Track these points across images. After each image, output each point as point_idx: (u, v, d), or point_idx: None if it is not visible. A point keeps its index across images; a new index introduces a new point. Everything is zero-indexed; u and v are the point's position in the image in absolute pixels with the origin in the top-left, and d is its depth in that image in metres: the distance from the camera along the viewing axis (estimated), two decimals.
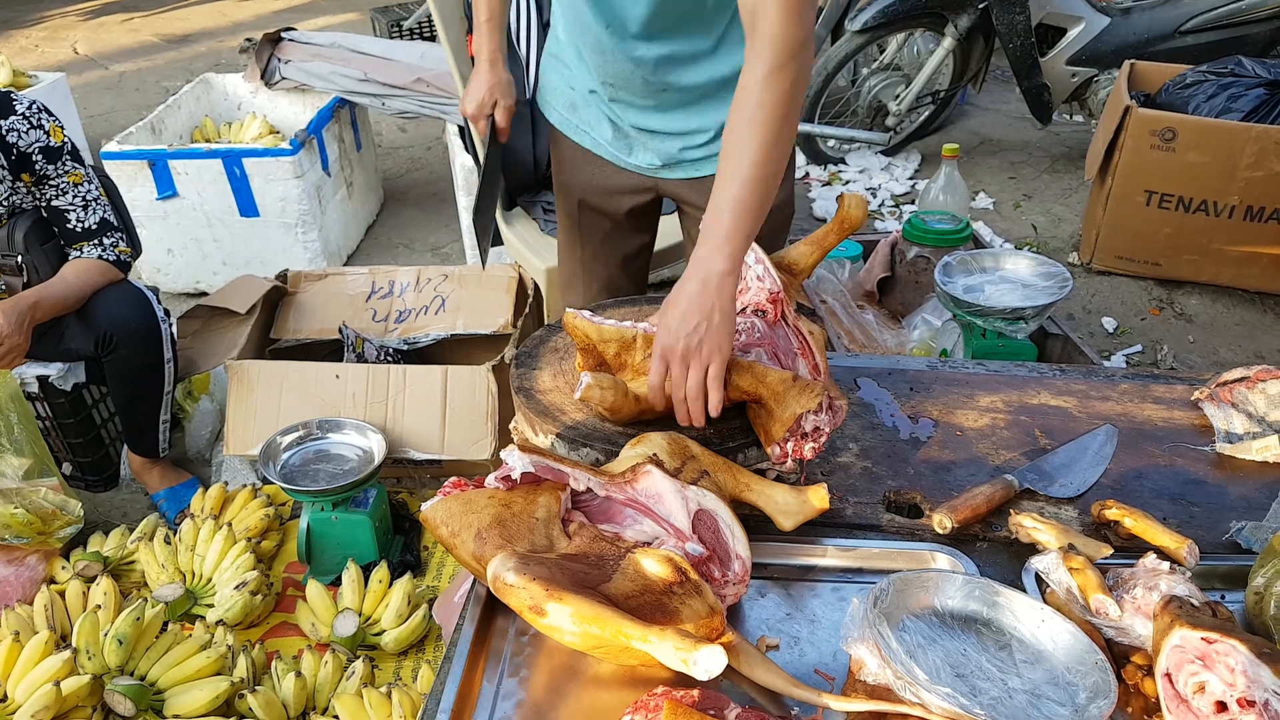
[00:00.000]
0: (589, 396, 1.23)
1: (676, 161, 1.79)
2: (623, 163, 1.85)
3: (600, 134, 1.84)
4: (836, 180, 4.64)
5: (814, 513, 1.18)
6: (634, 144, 1.81)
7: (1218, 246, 3.41)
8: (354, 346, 2.68)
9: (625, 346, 1.31)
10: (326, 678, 1.97)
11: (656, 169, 1.82)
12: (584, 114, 1.84)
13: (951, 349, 2.50)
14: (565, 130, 1.89)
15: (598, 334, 1.31)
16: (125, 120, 5.21)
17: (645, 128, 1.76)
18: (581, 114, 1.84)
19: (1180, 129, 3.29)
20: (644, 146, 1.80)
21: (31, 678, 1.81)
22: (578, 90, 1.81)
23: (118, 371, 2.46)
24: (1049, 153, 4.83)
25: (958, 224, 2.94)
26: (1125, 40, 4.15)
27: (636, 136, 1.79)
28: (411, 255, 4.13)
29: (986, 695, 0.96)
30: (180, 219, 3.63)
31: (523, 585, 0.95)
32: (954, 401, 1.53)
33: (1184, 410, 1.51)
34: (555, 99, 1.89)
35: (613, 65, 1.67)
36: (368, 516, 2.27)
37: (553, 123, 1.92)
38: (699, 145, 1.75)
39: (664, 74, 1.64)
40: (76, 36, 7.47)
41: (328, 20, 7.59)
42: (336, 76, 3.89)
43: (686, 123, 1.73)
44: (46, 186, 2.33)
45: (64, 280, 2.33)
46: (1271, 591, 1.05)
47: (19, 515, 2.16)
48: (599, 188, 1.90)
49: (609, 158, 1.86)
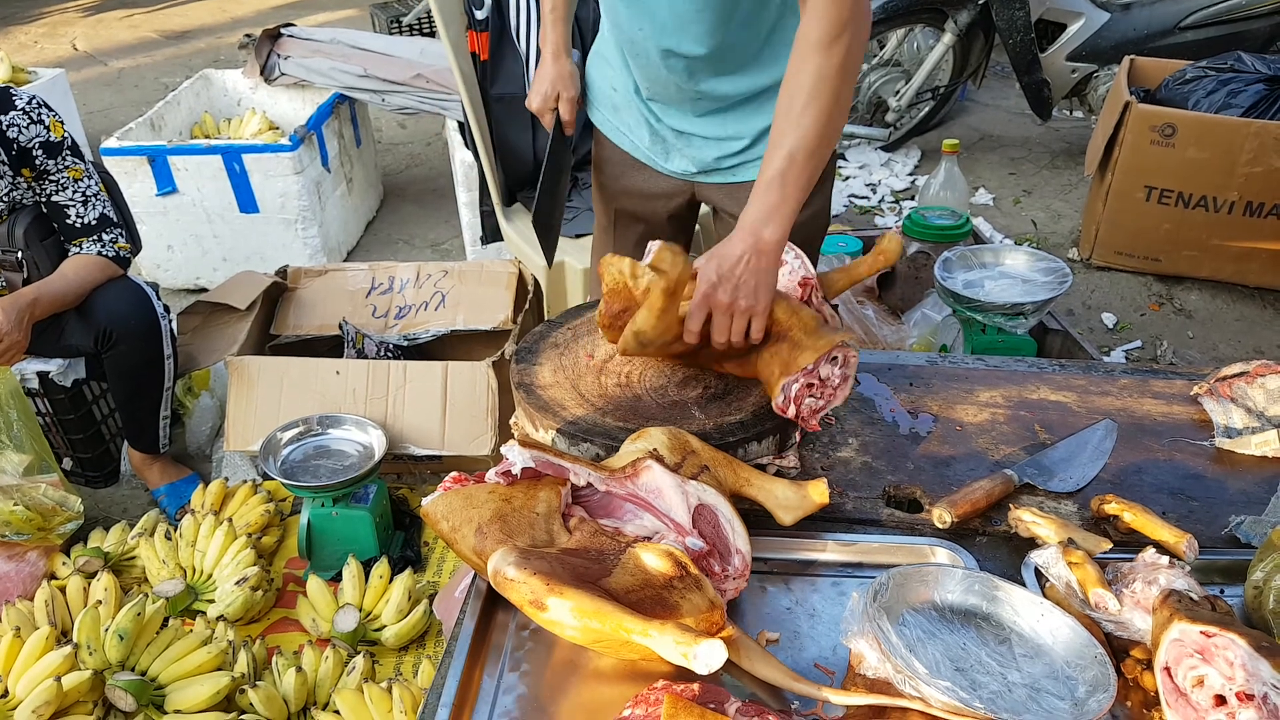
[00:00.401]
0: (660, 260, 1.19)
1: (713, 169, 1.78)
2: (660, 167, 1.84)
3: (639, 138, 1.83)
4: (836, 175, 4.64)
5: (814, 508, 1.19)
6: (670, 149, 1.80)
7: (1217, 242, 3.41)
8: (354, 342, 2.68)
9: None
10: (327, 673, 1.97)
11: (692, 175, 1.81)
12: (625, 116, 1.83)
13: (951, 344, 2.50)
14: (607, 132, 1.89)
15: (630, 269, 1.31)
16: (125, 116, 5.21)
17: (683, 130, 1.75)
18: (623, 116, 1.84)
19: (1180, 125, 3.28)
20: (680, 153, 1.79)
21: (33, 673, 1.82)
22: (619, 92, 1.81)
23: (117, 367, 2.46)
24: (1049, 148, 4.82)
25: (957, 220, 2.94)
26: (1125, 36, 4.15)
27: (674, 141, 1.78)
28: (411, 251, 4.13)
29: (986, 689, 0.96)
30: (180, 215, 3.63)
31: (523, 580, 0.95)
32: (954, 396, 1.53)
33: (1183, 405, 1.51)
34: (600, 100, 1.88)
35: (647, 68, 1.67)
36: (368, 512, 2.27)
37: (596, 124, 1.91)
38: (735, 153, 1.74)
39: (697, 81, 1.64)
40: (76, 33, 7.46)
41: (327, 16, 7.58)
42: (336, 72, 3.89)
43: (723, 128, 1.71)
44: (46, 182, 2.33)
45: (63, 277, 2.33)
46: (1270, 586, 1.05)
47: (19, 512, 2.16)
48: (638, 191, 1.89)
49: (647, 161, 1.85)
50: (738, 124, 1.70)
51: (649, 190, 1.88)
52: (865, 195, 4.46)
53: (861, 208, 4.36)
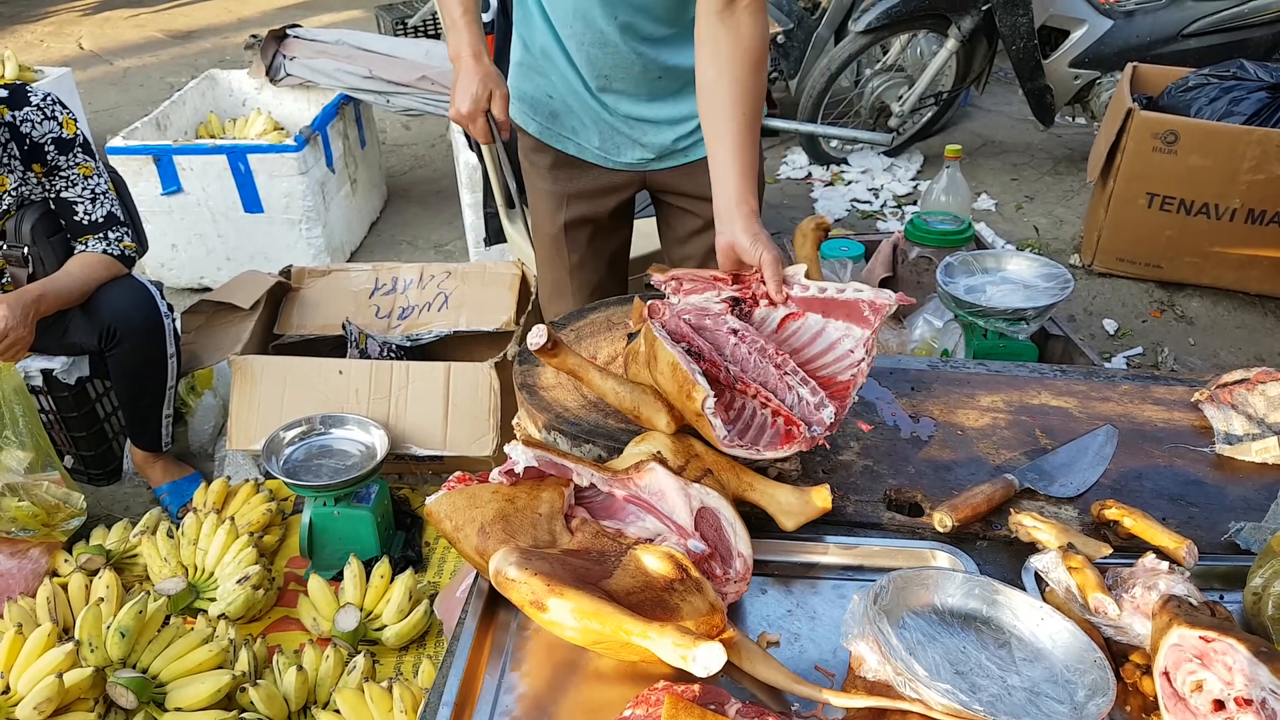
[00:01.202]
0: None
1: (669, 152, 1.84)
2: (611, 163, 1.87)
3: (586, 138, 1.85)
4: (839, 180, 4.65)
5: (816, 513, 1.19)
6: (623, 141, 1.84)
7: (1219, 249, 3.42)
8: (357, 343, 2.69)
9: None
10: (328, 672, 1.98)
11: (648, 163, 1.86)
12: (567, 120, 1.85)
13: (953, 349, 2.50)
14: (546, 139, 1.90)
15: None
16: (130, 116, 5.22)
17: (639, 117, 1.79)
18: (564, 121, 1.85)
19: (1182, 132, 3.29)
20: (635, 142, 1.83)
21: (34, 670, 1.82)
22: (558, 97, 1.82)
23: (120, 366, 2.47)
24: (1051, 154, 4.83)
25: (959, 225, 2.94)
26: (1128, 43, 4.15)
27: (627, 132, 1.82)
28: (415, 252, 4.14)
29: (986, 692, 0.96)
30: (185, 214, 3.64)
31: (524, 580, 0.96)
32: (955, 401, 1.53)
33: (1184, 411, 1.51)
34: (533, 109, 1.89)
35: (605, 55, 1.70)
36: (370, 512, 2.28)
37: (531, 133, 1.91)
38: (689, 133, 1.82)
39: (667, 57, 1.71)
40: (81, 32, 7.48)
41: (332, 17, 7.60)
42: (341, 73, 3.90)
43: (678, 109, 1.78)
44: (56, 178, 2.34)
45: (69, 274, 2.34)
46: (1269, 592, 1.06)
47: (25, 508, 2.17)
48: (588, 191, 1.91)
49: (595, 160, 1.88)
50: (691, 103, 1.75)
51: (598, 187, 1.91)
52: (868, 200, 4.46)
53: (864, 212, 4.36)
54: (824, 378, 1.32)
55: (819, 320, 1.37)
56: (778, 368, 1.29)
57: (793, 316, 1.39)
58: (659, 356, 1.22)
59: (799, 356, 1.35)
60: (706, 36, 1.46)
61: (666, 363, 1.21)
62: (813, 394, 1.24)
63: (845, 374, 1.31)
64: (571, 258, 2.00)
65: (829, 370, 1.33)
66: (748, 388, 1.27)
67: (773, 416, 1.25)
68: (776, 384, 1.28)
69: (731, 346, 1.33)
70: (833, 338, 1.35)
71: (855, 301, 1.33)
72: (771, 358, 1.30)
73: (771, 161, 4.86)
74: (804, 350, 1.37)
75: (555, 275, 2.05)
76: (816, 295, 1.36)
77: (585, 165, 1.89)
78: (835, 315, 1.35)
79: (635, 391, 1.23)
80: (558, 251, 2.00)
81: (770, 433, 1.23)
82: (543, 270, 2.09)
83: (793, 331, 1.39)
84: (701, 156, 1.82)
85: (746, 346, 1.32)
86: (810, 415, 1.23)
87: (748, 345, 1.32)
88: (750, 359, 1.31)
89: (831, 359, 1.34)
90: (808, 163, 4.80)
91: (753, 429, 1.24)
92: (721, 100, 1.44)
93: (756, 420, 1.26)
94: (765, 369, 1.29)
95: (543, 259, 2.07)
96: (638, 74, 1.72)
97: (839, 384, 1.30)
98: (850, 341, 1.33)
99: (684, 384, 1.18)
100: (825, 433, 1.21)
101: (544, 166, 1.92)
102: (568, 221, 1.95)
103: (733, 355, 1.32)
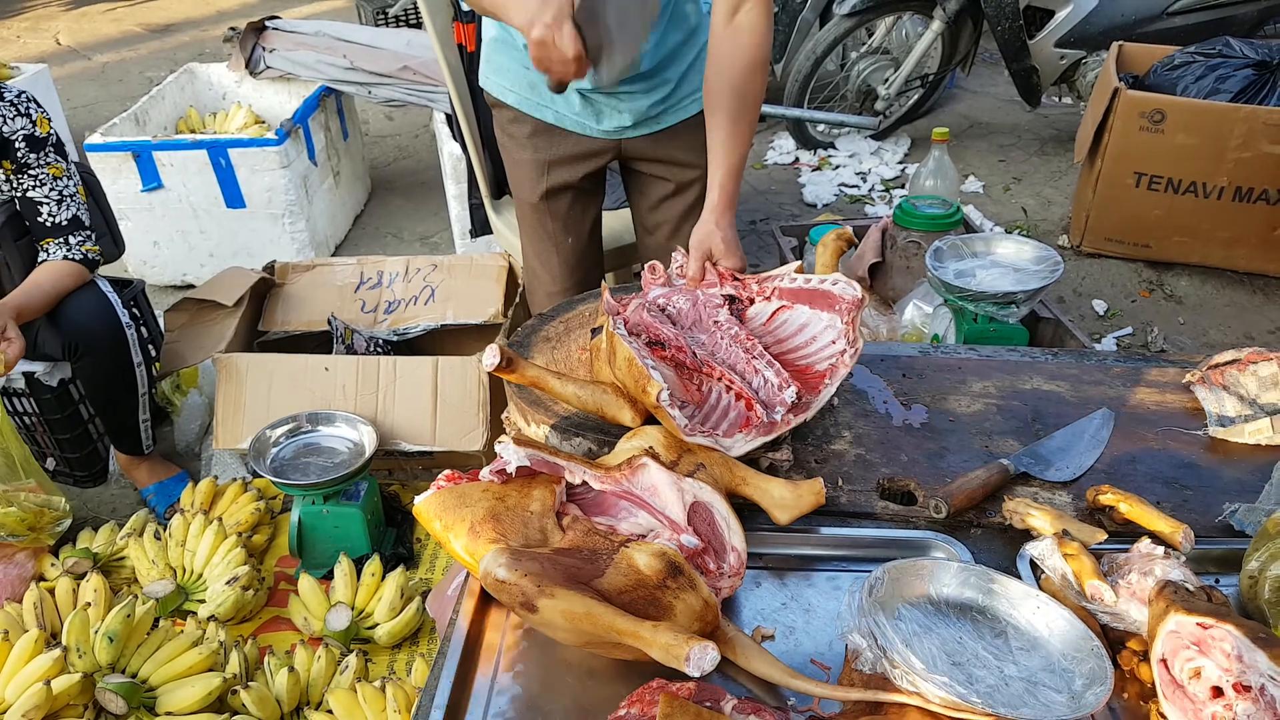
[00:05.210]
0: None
1: (645, 118, 1.91)
2: (591, 130, 1.93)
3: (567, 106, 1.90)
4: (826, 165, 4.63)
5: (810, 507, 1.18)
6: (602, 109, 1.89)
7: (1207, 228, 3.41)
8: (343, 338, 2.66)
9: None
10: (320, 672, 1.96)
11: (624, 130, 1.92)
12: (544, 90, 1.87)
13: (943, 334, 2.49)
14: (525, 109, 1.95)
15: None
16: (109, 112, 5.16)
17: (620, 89, 1.85)
18: (541, 91, 1.90)
19: (1169, 110, 3.28)
20: (614, 110, 1.89)
21: (21, 677, 1.80)
22: (534, 68, 1.84)
23: (88, 379, 2.46)
24: (1038, 135, 4.82)
25: (948, 208, 2.92)
26: (1113, 22, 4.14)
27: (606, 99, 1.87)
28: (400, 245, 4.11)
29: (983, 683, 0.95)
30: (166, 211, 3.60)
31: (514, 581, 0.94)
32: (946, 387, 1.52)
33: (1176, 393, 1.51)
34: (511, 81, 1.95)
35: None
36: (359, 509, 2.26)
37: (510, 104, 1.97)
38: (664, 98, 1.89)
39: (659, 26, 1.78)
40: (59, 27, 7.39)
41: (312, 8, 7.53)
42: (322, 65, 3.86)
43: (657, 76, 1.85)
44: (25, 176, 2.30)
45: (38, 286, 2.30)
46: (1266, 575, 1.05)
47: (13, 513, 2.14)
48: (568, 157, 1.97)
49: (574, 128, 1.94)
50: (668, 71, 1.85)
51: (577, 153, 1.97)
52: (855, 184, 4.45)
53: (852, 197, 4.35)
54: (802, 366, 1.36)
55: (806, 312, 1.41)
56: (746, 351, 1.33)
57: (784, 309, 1.42)
58: (618, 351, 1.26)
59: (783, 346, 1.40)
60: (714, 40, 1.57)
61: (624, 358, 1.25)
62: (776, 375, 1.28)
63: (823, 363, 1.35)
64: (554, 224, 2.07)
65: (809, 359, 1.37)
66: (713, 370, 1.31)
67: (735, 399, 1.29)
68: (744, 368, 1.31)
69: (709, 332, 1.38)
70: (816, 329, 1.39)
71: (830, 292, 1.38)
72: (741, 342, 1.34)
73: (758, 147, 4.83)
74: (788, 340, 1.41)
75: (539, 246, 2.12)
76: (803, 286, 1.40)
77: (564, 132, 1.95)
78: (820, 306, 1.40)
79: (596, 392, 1.26)
80: (540, 221, 2.07)
81: (732, 416, 1.26)
82: (526, 241, 2.16)
83: (781, 323, 1.43)
84: (675, 122, 1.94)
85: (721, 332, 1.37)
86: (773, 397, 1.26)
87: (722, 331, 1.37)
88: (721, 344, 1.36)
89: (815, 349, 1.38)
90: (795, 148, 4.77)
91: (716, 413, 1.27)
92: (720, 99, 1.56)
93: (721, 404, 1.29)
94: (734, 352, 1.34)
95: (526, 231, 2.13)
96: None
97: (815, 373, 1.34)
98: (833, 332, 1.37)
99: (639, 378, 1.22)
100: (787, 415, 1.25)
101: (523, 137, 1.98)
102: (549, 189, 2.01)
103: (708, 340, 1.36)
